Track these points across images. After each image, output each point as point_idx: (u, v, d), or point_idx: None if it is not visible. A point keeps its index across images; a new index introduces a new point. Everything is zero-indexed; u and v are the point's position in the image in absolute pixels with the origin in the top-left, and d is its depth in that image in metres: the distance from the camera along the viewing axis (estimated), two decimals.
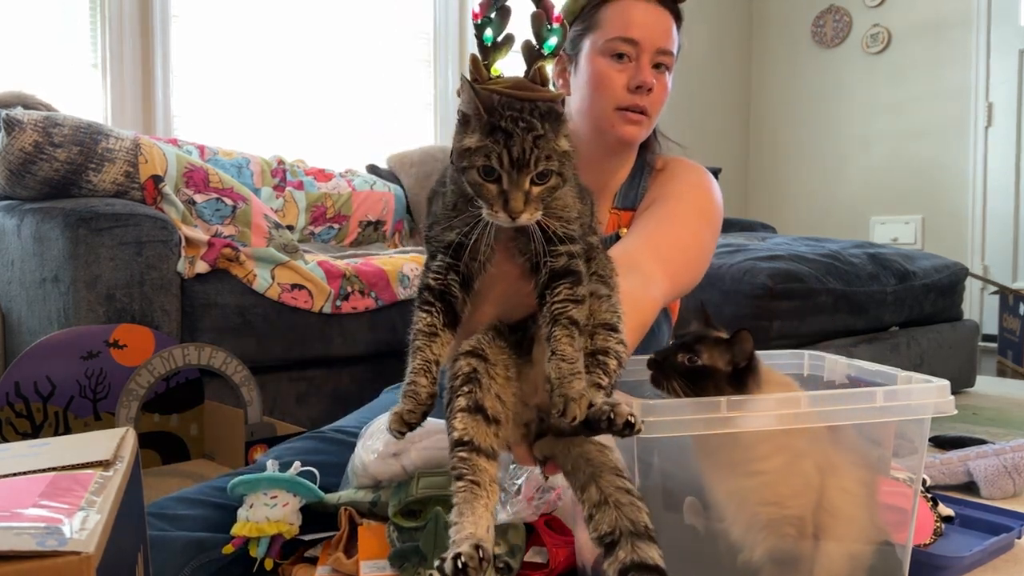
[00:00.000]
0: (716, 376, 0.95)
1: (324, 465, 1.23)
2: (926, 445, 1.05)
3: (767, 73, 5.28)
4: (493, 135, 0.77)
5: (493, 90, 0.79)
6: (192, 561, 1.06)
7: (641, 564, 0.75)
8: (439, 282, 0.83)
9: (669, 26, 1.30)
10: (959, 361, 2.95)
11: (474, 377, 0.81)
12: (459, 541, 0.74)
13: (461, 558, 0.72)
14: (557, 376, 0.76)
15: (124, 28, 2.89)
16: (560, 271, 0.81)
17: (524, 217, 0.77)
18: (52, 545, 0.50)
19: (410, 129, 3.70)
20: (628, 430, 0.75)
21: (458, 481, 0.78)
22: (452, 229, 0.82)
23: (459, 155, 0.80)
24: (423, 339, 0.82)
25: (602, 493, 0.79)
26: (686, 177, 1.39)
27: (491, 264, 0.84)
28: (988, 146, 4.40)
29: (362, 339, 2.05)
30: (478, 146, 0.78)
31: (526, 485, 1.11)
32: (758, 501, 0.92)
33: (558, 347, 0.77)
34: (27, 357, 1.62)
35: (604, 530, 0.78)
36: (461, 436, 0.79)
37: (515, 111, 0.78)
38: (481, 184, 0.78)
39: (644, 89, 1.28)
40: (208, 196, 2.03)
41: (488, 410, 0.81)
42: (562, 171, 0.79)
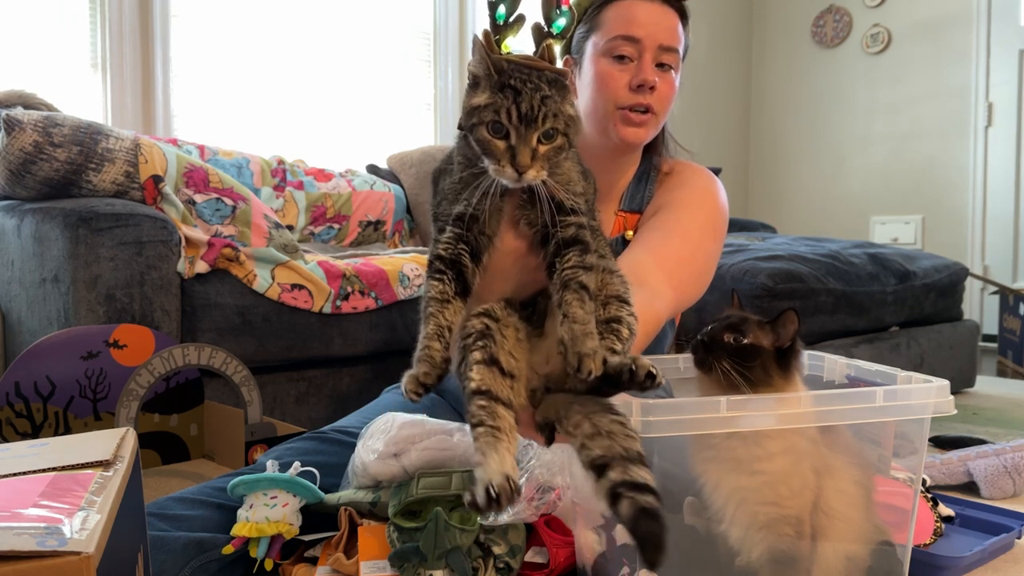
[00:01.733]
0: (763, 355, 0.95)
1: (324, 465, 1.23)
2: (926, 445, 1.05)
3: (767, 73, 5.28)
4: (503, 92, 0.79)
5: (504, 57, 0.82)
6: (192, 561, 1.06)
7: (632, 483, 0.73)
8: (450, 251, 0.84)
9: (673, 24, 1.29)
10: (959, 361, 2.95)
11: (488, 333, 0.82)
12: (491, 473, 0.73)
13: (494, 488, 0.71)
14: (570, 336, 0.77)
15: (124, 28, 2.89)
16: (569, 239, 0.82)
17: (530, 174, 0.79)
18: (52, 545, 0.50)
19: (410, 129, 3.70)
20: (650, 381, 0.75)
21: (478, 427, 0.77)
22: (460, 202, 0.84)
23: (468, 113, 0.81)
24: (436, 305, 0.83)
25: (595, 427, 0.77)
26: (694, 183, 1.37)
27: (498, 239, 0.85)
28: (988, 146, 4.40)
29: (362, 339, 2.05)
30: (487, 103, 0.80)
31: (526, 486, 1.11)
32: (758, 500, 0.92)
33: (570, 310, 0.78)
34: (27, 357, 1.62)
35: (596, 454, 0.75)
36: (479, 386, 0.79)
37: (523, 73, 0.80)
38: (489, 140, 0.79)
39: (646, 87, 1.27)
40: (208, 196, 2.03)
41: (503, 364, 0.81)
42: (567, 132, 0.81)
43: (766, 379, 0.95)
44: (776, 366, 0.96)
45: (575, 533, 1.10)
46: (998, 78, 4.37)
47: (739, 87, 5.30)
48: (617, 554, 0.99)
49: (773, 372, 0.95)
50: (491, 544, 1.07)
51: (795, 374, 0.98)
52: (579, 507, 1.09)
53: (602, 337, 0.81)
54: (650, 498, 0.72)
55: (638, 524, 0.71)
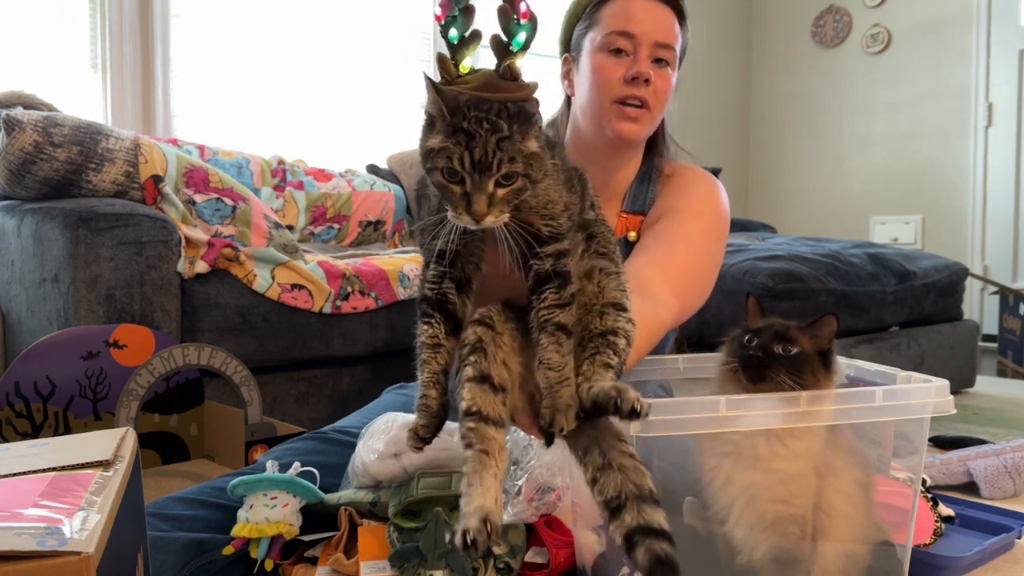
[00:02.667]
0: (811, 360, 0.96)
1: (324, 465, 1.23)
2: (926, 445, 1.05)
3: (767, 73, 5.28)
4: (455, 136, 0.76)
5: (460, 91, 0.79)
6: (192, 562, 1.06)
7: (647, 528, 0.75)
8: (435, 292, 0.84)
9: (669, 22, 1.30)
10: (959, 361, 2.95)
11: (480, 347, 0.81)
12: (468, 515, 0.75)
13: (469, 534, 0.73)
14: (546, 385, 0.78)
15: (124, 28, 2.89)
16: (544, 276, 0.81)
17: (488, 220, 0.77)
18: (52, 545, 0.50)
19: (410, 129, 3.68)
20: (634, 416, 0.76)
21: (467, 450, 0.79)
22: (439, 237, 0.82)
23: (424, 156, 0.80)
24: (428, 352, 0.83)
25: (605, 457, 0.79)
26: (697, 189, 1.37)
27: (484, 263, 0.85)
28: (988, 146, 4.40)
29: (362, 339, 2.05)
30: (440, 147, 0.77)
31: (526, 486, 1.11)
32: (768, 498, 0.93)
33: (544, 355, 0.79)
34: (27, 357, 1.62)
35: (610, 494, 0.77)
36: (469, 406, 0.80)
37: (480, 111, 0.77)
38: (445, 186, 0.77)
39: (640, 80, 1.26)
40: (208, 196, 2.03)
41: (495, 378, 0.81)
42: (528, 172, 0.78)
43: (815, 384, 0.96)
44: (821, 368, 0.97)
45: (575, 533, 1.10)
46: (998, 78, 4.37)
47: (739, 87, 5.29)
48: (617, 554, 0.99)
49: (820, 375, 0.97)
50: (491, 544, 1.07)
51: (834, 374, 0.99)
52: (579, 507, 1.09)
53: (597, 352, 0.82)
54: (664, 544, 0.75)
55: (654, 573, 0.74)
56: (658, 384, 1.21)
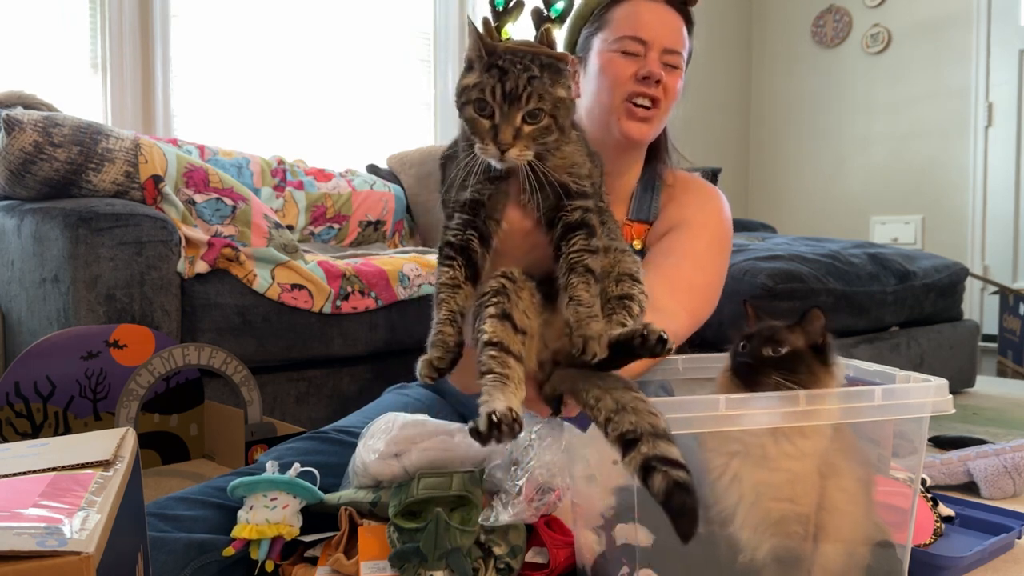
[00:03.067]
0: (804, 357, 0.97)
1: (324, 465, 1.23)
2: (925, 444, 1.05)
3: (767, 73, 5.28)
4: (489, 71, 0.81)
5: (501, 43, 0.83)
6: (193, 562, 1.06)
7: (664, 457, 0.74)
8: (459, 237, 0.85)
9: (678, 27, 1.30)
10: (959, 361, 2.95)
11: (503, 291, 0.83)
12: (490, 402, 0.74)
13: (495, 414, 0.72)
14: (575, 319, 0.79)
15: (124, 28, 2.89)
16: (574, 224, 0.83)
17: (512, 152, 0.79)
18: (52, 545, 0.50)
19: (410, 129, 3.70)
20: (661, 346, 0.77)
21: (487, 375, 0.78)
22: (466, 187, 0.84)
23: (458, 93, 0.83)
24: (447, 291, 0.84)
25: (618, 403, 0.79)
26: (702, 205, 1.37)
27: (505, 221, 0.86)
28: (988, 146, 4.40)
29: (362, 339, 2.05)
30: (475, 82, 0.81)
31: (526, 486, 1.11)
32: (774, 497, 0.93)
33: (575, 292, 0.80)
34: (27, 357, 1.62)
35: (624, 428, 0.76)
36: (491, 337, 0.80)
37: (515, 56, 0.81)
38: (475, 118, 0.80)
39: (652, 80, 1.26)
40: (208, 196, 2.03)
41: (516, 320, 0.82)
42: (555, 114, 0.81)
43: (812, 379, 0.96)
44: (817, 363, 0.98)
45: (575, 533, 1.10)
46: (998, 78, 4.37)
47: (739, 87, 5.29)
48: (617, 554, 0.99)
49: (816, 370, 0.97)
50: (491, 544, 1.07)
51: (832, 367, 1.00)
52: (579, 507, 1.09)
53: (614, 312, 0.83)
54: (682, 473, 0.74)
55: (672, 497, 0.73)
56: (659, 384, 1.21)
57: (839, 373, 1.02)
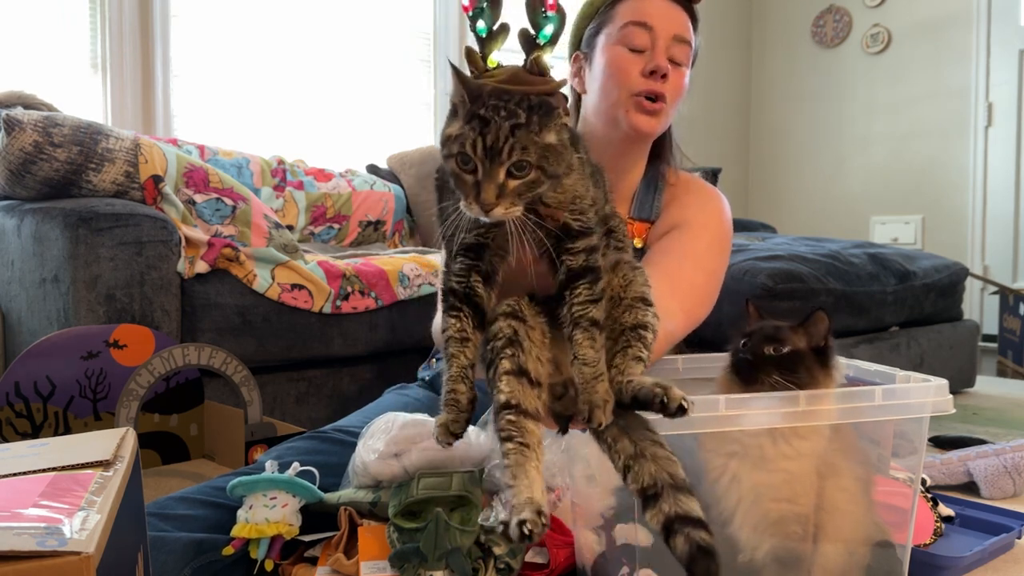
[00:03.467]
0: (804, 358, 0.97)
1: (324, 465, 1.23)
2: (925, 444, 1.05)
3: (767, 73, 5.28)
4: (471, 122, 0.75)
5: (485, 83, 0.78)
6: (192, 562, 1.06)
7: (686, 516, 0.75)
8: (463, 285, 0.83)
9: (683, 19, 1.30)
10: (959, 361, 2.95)
11: (516, 340, 0.81)
12: (519, 506, 0.75)
13: (526, 525, 0.73)
14: (581, 381, 0.78)
15: (124, 28, 2.89)
16: (577, 271, 0.81)
17: (498, 211, 0.75)
18: (52, 545, 0.50)
19: (410, 129, 3.70)
20: (681, 413, 0.76)
21: (507, 443, 0.78)
22: (468, 231, 0.81)
23: (442, 143, 0.79)
24: (456, 346, 0.82)
25: (636, 446, 0.79)
26: (703, 205, 1.37)
27: (511, 257, 0.84)
28: (988, 146, 4.40)
29: (362, 339, 2.05)
30: (457, 134, 0.76)
31: None
32: (773, 497, 0.93)
33: (579, 351, 0.79)
34: (27, 357, 1.62)
35: (645, 482, 0.77)
36: (508, 399, 0.79)
37: (500, 100, 0.76)
38: (458, 173, 0.76)
39: (659, 75, 1.25)
40: (208, 196, 2.03)
41: (531, 373, 0.81)
42: (543, 165, 0.76)
43: (811, 381, 0.97)
44: (817, 365, 0.98)
45: (575, 533, 1.11)
46: (998, 78, 4.37)
47: (739, 87, 5.29)
48: (616, 554, 0.99)
49: (816, 372, 0.98)
50: (491, 544, 1.07)
51: (832, 370, 1.00)
52: (578, 508, 1.09)
53: (629, 345, 0.83)
54: (704, 534, 0.75)
55: (695, 562, 0.73)
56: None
57: (838, 376, 1.02)
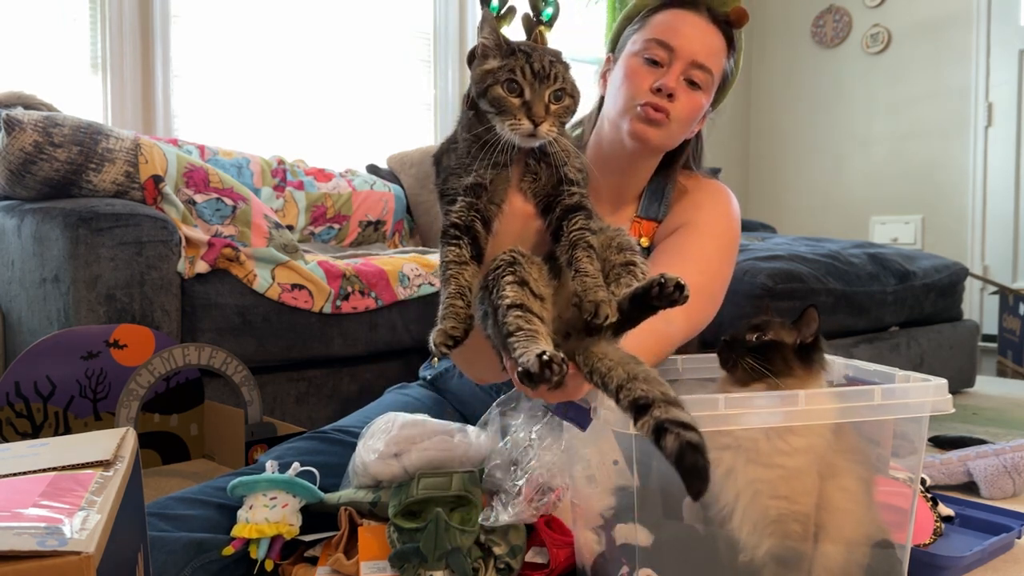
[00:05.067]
0: (783, 349, 0.99)
1: (324, 465, 1.23)
2: (925, 444, 1.05)
3: (767, 73, 5.28)
4: (514, 55, 0.87)
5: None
6: (193, 561, 1.06)
7: (676, 420, 0.76)
8: (464, 219, 0.89)
9: (714, 45, 1.28)
10: (959, 361, 2.95)
11: (516, 262, 0.87)
12: (532, 349, 0.77)
13: (546, 354, 0.75)
14: (583, 288, 0.83)
15: (124, 28, 2.89)
16: (574, 206, 0.89)
17: (544, 127, 0.85)
18: (52, 545, 0.50)
19: (410, 129, 3.70)
20: (679, 292, 0.79)
21: (516, 333, 0.81)
22: (470, 173, 0.89)
23: (481, 77, 0.88)
24: (455, 268, 0.87)
25: (630, 373, 0.81)
26: (713, 206, 1.37)
27: (506, 204, 0.91)
28: (988, 146, 4.40)
29: (362, 339, 2.05)
30: (501, 65, 0.87)
31: (526, 486, 1.11)
32: (771, 494, 0.93)
33: (580, 265, 0.85)
34: (27, 357, 1.62)
35: (637, 395, 0.79)
36: (514, 301, 0.83)
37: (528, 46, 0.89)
38: (504, 97, 0.85)
39: (664, 92, 1.25)
40: (208, 196, 2.03)
41: (532, 286, 0.86)
42: (574, 95, 0.88)
43: (787, 370, 0.99)
44: (797, 360, 1.00)
45: (575, 533, 1.11)
46: (998, 78, 4.37)
47: (739, 87, 5.27)
48: (616, 554, 0.99)
49: (794, 365, 0.99)
50: (491, 544, 1.07)
51: (818, 368, 1.02)
52: (579, 507, 1.10)
53: (620, 276, 0.87)
54: (694, 434, 0.76)
55: (684, 457, 0.75)
56: None
57: (823, 377, 1.03)
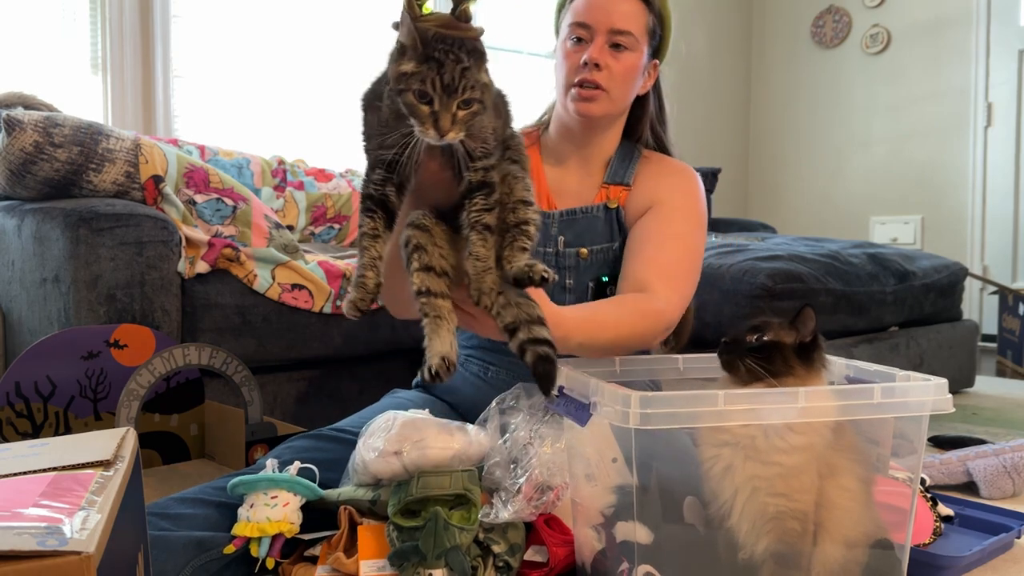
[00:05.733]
0: (783, 350, 1.00)
1: (322, 461, 1.24)
2: (924, 444, 1.05)
3: (767, 73, 5.28)
4: (427, 63, 0.91)
5: (426, 27, 0.93)
6: (193, 560, 1.06)
7: (535, 339, 1.00)
8: (379, 192, 1.02)
9: (625, 9, 1.36)
10: (959, 361, 2.95)
11: (420, 246, 1.03)
12: (430, 357, 1.00)
13: (432, 368, 0.99)
14: (473, 272, 0.99)
15: (124, 28, 2.89)
16: (476, 184, 1.01)
17: (450, 136, 0.93)
18: (53, 545, 0.50)
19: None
20: (543, 282, 0.97)
21: (425, 318, 1.02)
22: (388, 148, 0.98)
23: (396, 79, 0.94)
24: (368, 240, 1.02)
25: (507, 300, 1.01)
26: (679, 185, 1.44)
27: (422, 168, 1.01)
28: (988, 146, 4.40)
29: (362, 339, 2.05)
30: (414, 71, 0.92)
31: (526, 485, 1.11)
32: (769, 491, 0.93)
33: (473, 249, 0.99)
34: (27, 357, 1.63)
35: (507, 320, 1.01)
36: (419, 287, 1.02)
37: (446, 44, 0.92)
38: (415, 105, 0.92)
39: (590, 65, 1.35)
40: (208, 196, 2.04)
41: (436, 267, 1.03)
42: (483, 99, 0.95)
43: (787, 370, 0.99)
44: (797, 359, 1.00)
45: (574, 532, 1.11)
46: (998, 78, 4.37)
47: (739, 87, 5.30)
48: (616, 552, 0.99)
49: (795, 364, 1.00)
50: (490, 543, 1.07)
51: (819, 367, 1.02)
52: (578, 506, 1.10)
53: (515, 239, 1.01)
54: (546, 348, 1.00)
55: (537, 366, 1.00)
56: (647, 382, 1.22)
57: (826, 374, 1.04)
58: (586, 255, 1.40)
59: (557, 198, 1.44)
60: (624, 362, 1.19)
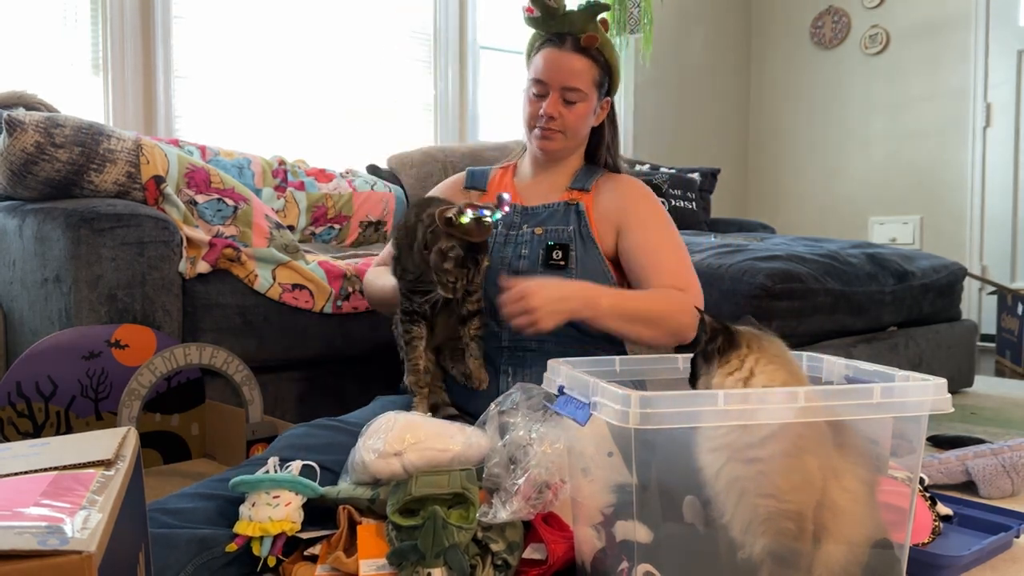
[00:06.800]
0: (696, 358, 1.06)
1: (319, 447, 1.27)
2: (923, 443, 1.05)
3: (767, 73, 5.28)
4: (464, 266, 1.37)
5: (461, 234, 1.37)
6: (195, 559, 1.06)
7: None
8: (422, 308, 1.48)
9: (576, 67, 1.56)
10: (958, 361, 2.96)
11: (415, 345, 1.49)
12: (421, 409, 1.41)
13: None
14: (475, 367, 1.49)
15: (125, 29, 2.89)
16: (473, 312, 1.48)
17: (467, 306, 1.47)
18: (53, 544, 0.50)
19: (410, 130, 3.70)
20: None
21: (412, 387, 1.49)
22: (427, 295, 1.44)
23: (438, 271, 1.38)
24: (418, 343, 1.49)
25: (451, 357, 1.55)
26: (639, 197, 1.65)
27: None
28: (987, 146, 4.40)
29: (363, 339, 2.06)
30: (454, 267, 1.37)
31: (525, 485, 1.12)
32: (757, 492, 0.93)
33: (473, 352, 1.49)
34: (29, 357, 1.63)
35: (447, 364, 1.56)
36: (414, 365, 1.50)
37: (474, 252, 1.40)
38: (445, 284, 1.38)
39: (546, 118, 1.58)
40: (209, 196, 2.04)
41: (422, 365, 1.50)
42: (488, 261, 1.44)
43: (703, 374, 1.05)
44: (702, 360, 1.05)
45: (574, 530, 1.11)
46: (997, 79, 4.37)
47: (739, 88, 5.30)
48: (616, 550, 0.99)
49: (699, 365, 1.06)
50: (489, 541, 1.07)
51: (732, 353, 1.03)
52: (578, 504, 1.10)
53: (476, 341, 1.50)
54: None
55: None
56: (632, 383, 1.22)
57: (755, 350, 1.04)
58: (540, 232, 1.59)
59: (527, 201, 1.66)
60: (624, 362, 1.20)
